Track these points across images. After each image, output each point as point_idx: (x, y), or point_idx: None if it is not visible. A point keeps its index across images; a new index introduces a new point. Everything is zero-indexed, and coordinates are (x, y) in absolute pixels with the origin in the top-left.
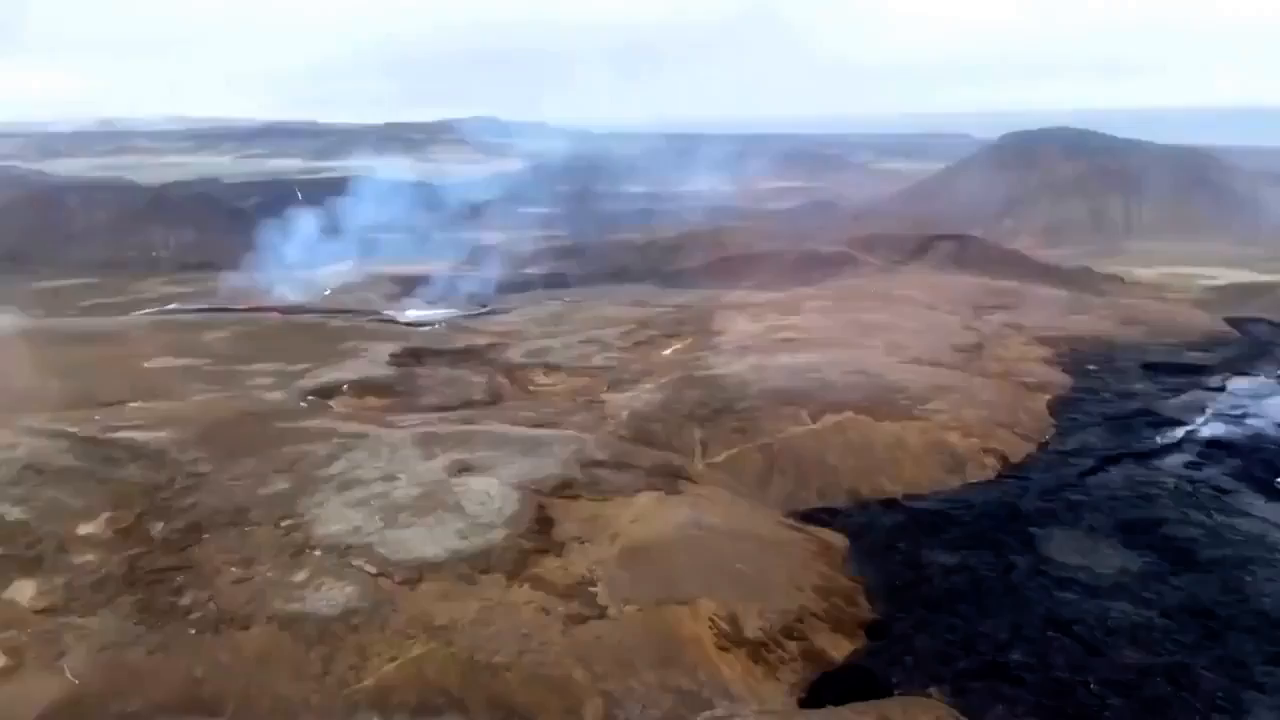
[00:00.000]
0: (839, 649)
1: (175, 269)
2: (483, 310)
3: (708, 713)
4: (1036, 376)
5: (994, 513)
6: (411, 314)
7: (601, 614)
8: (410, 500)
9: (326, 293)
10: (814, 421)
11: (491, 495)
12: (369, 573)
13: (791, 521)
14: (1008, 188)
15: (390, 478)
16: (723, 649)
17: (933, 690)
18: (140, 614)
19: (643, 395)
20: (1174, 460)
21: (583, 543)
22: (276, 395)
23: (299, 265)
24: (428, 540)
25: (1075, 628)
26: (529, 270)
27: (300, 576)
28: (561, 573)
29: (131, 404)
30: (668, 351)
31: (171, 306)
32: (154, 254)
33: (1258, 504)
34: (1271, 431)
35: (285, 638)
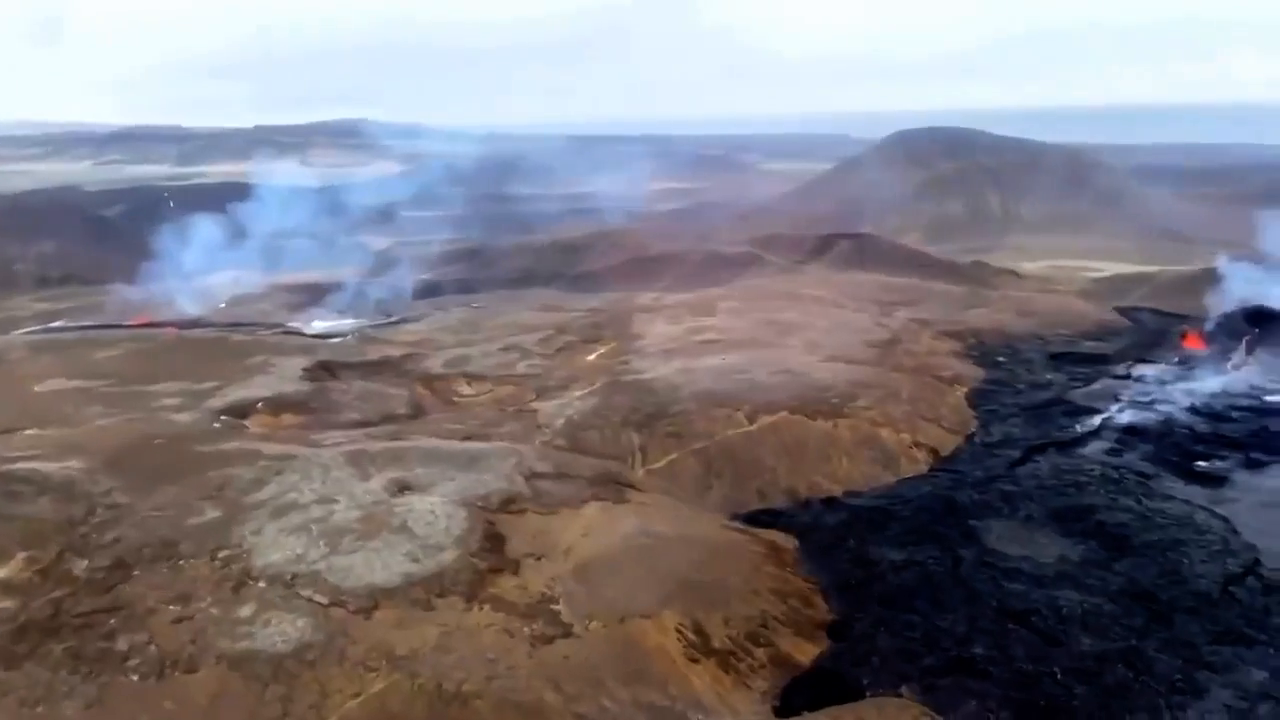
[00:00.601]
0: (804, 653)
1: (35, 284)
2: (391, 319)
3: None
4: (950, 370)
5: (933, 507)
6: (317, 325)
7: (566, 632)
8: (352, 524)
9: (222, 305)
10: (750, 423)
11: (436, 514)
12: (319, 603)
13: (736, 525)
14: (892, 187)
15: (327, 500)
16: (692, 660)
17: (903, 689)
18: (72, 663)
19: (574, 403)
20: (1095, 448)
21: (537, 559)
22: (185, 417)
23: (187, 277)
24: (377, 565)
25: (1031, 619)
26: (431, 276)
27: (245, 611)
28: (520, 592)
29: (26, 431)
30: (591, 357)
31: (57, 324)
32: (15, 267)
33: (1179, 487)
34: (1180, 416)
35: (236, 679)
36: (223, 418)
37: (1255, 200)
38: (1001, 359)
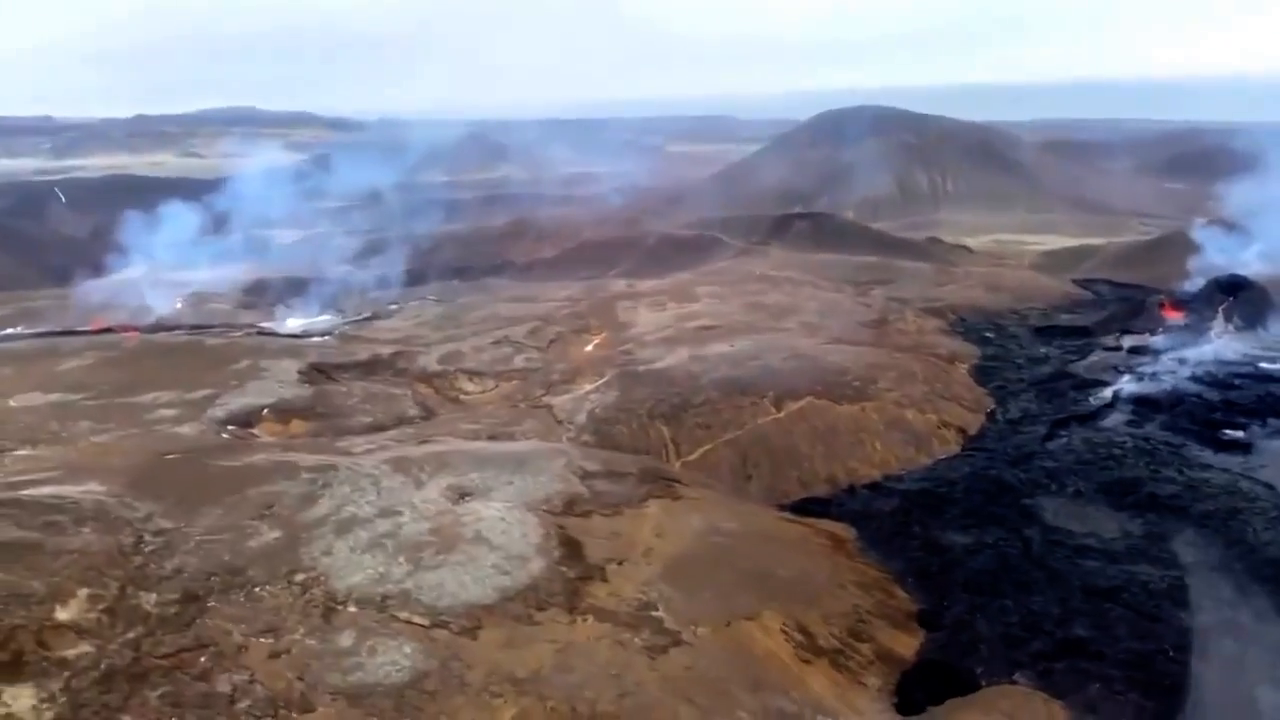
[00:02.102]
0: (904, 645)
1: None
2: (365, 316)
3: None
4: (946, 348)
5: (982, 488)
6: (292, 324)
7: (676, 640)
8: (425, 536)
9: (178, 305)
10: (778, 410)
11: (508, 522)
12: (420, 625)
13: (791, 517)
14: (820, 166)
15: (390, 513)
16: (805, 661)
17: (1018, 677)
18: (174, 710)
19: (589, 397)
20: (1114, 420)
21: (620, 563)
22: (189, 429)
23: (118, 277)
24: (467, 580)
25: (1121, 596)
26: (378, 271)
27: (345, 641)
28: (616, 600)
29: (17, 452)
30: (588, 348)
31: (7, 332)
32: None
33: (1210, 456)
34: (1185, 386)
35: (357, 716)
36: (229, 428)
37: (1161, 172)
38: (989, 335)
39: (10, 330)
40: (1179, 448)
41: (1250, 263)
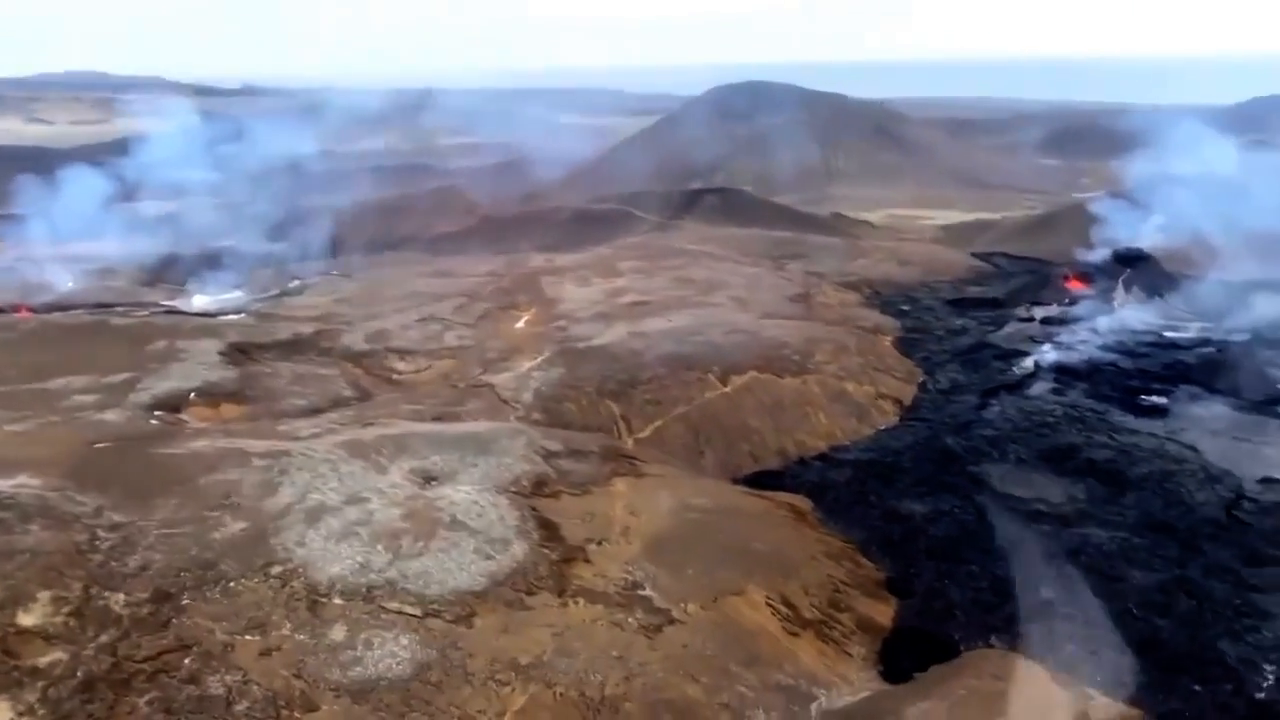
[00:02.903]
0: (881, 613)
1: None
2: (276, 293)
3: (816, 706)
4: (869, 320)
5: (927, 457)
6: (199, 302)
7: (669, 619)
8: (400, 523)
9: (69, 284)
10: (724, 385)
11: (481, 505)
12: (413, 615)
13: (750, 490)
14: (716, 141)
15: (357, 500)
16: (792, 634)
17: (994, 640)
18: (165, 716)
19: (531, 375)
20: (1040, 389)
21: (600, 543)
22: (115, 416)
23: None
24: (451, 566)
25: (1080, 558)
26: (278, 245)
27: (338, 635)
28: (603, 580)
29: None
30: (520, 325)
31: None
32: None
33: (1134, 421)
34: (1099, 355)
35: (365, 712)
36: (156, 413)
37: (1038, 149)
38: (905, 308)
39: None
40: (1104, 414)
41: (1147, 235)
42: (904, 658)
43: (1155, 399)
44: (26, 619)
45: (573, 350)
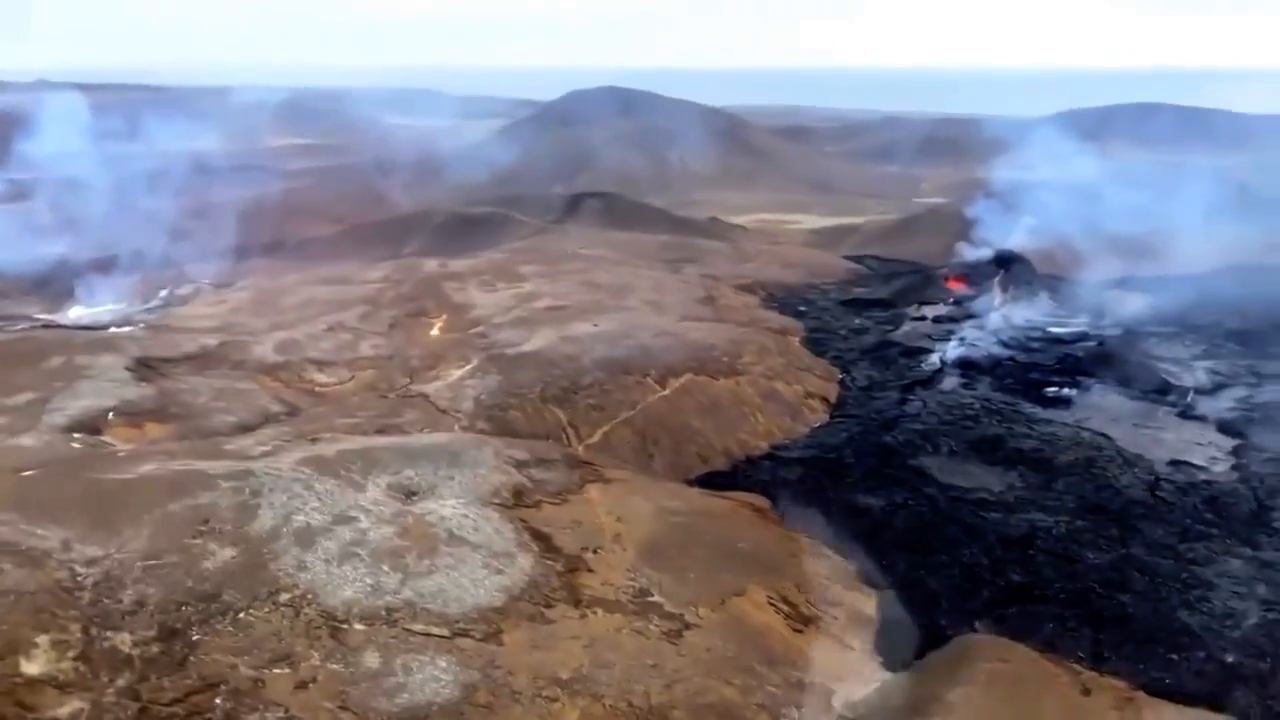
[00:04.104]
0: (867, 606)
1: None
2: (158, 304)
3: (838, 700)
4: (774, 322)
5: (867, 452)
6: (74, 315)
7: (686, 624)
8: (398, 541)
9: None
10: (663, 388)
11: (471, 519)
12: (441, 636)
13: (708, 491)
14: (572, 145)
15: (345, 519)
16: (797, 631)
17: (978, 625)
18: None
19: (465, 383)
20: (950, 384)
21: (595, 551)
22: (32, 440)
23: None
24: (465, 583)
25: (1036, 543)
26: (138, 251)
27: (372, 662)
28: (611, 589)
29: None
30: (434, 332)
31: None
32: None
33: (1042, 412)
34: (995, 350)
35: None
36: (76, 435)
37: (872, 157)
38: (802, 309)
39: None
40: (1015, 406)
41: (1015, 238)
42: (900, 647)
43: (1058, 390)
44: (31, 667)
45: (502, 357)
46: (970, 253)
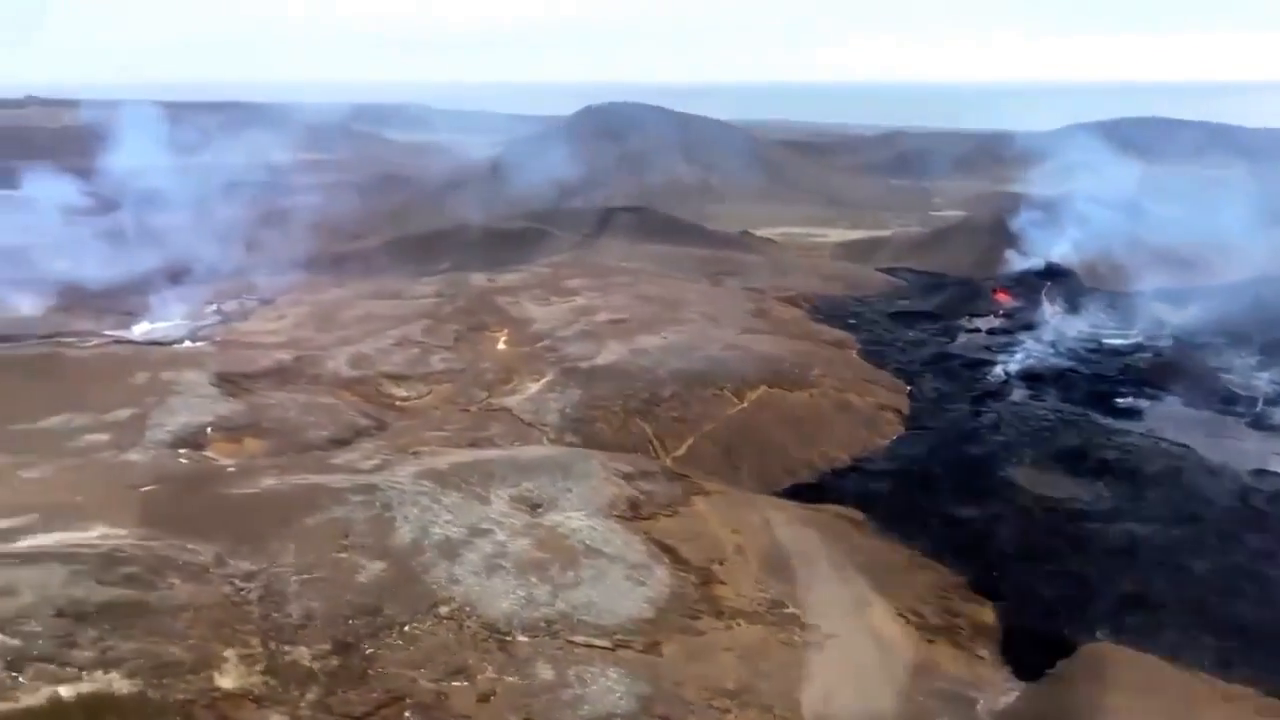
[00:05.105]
0: (987, 616)
1: None
2: (216, 319)
3: (982, 709)
4: (827, 334)
5: (955, 463)
6: (139, 330)
7: (827, 635)
8: (537, 553)
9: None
10: (741, 400)
11: (599, 530)
12: (603, 648)
13: (804, 504)
14: (592, 160)
15: (480, 532)
16: (929, 642)
17: (1099, 634)
18: None
19: (546, 396)
20: (1019, 395)
21: (721, 563)
22: (138, 456)
23: None
24: (613, 595)
25: (1139, 553)
26: (170, 265)
27: (546, 674)
28: (746, 600)
29: None
30: (500, 345)
31: None
32: None
33: (1114, 423)
34: (1057, 361)
35: None
36: (181, 451)
37: (883, 171)
38: (852, 321)
39: None
40: (1088, 417)
41: (1059, 250)
42: (1025, 656)
43: (1129, 401)
44: (225, 681)
45: (578, 370)
46: (1020, 263)
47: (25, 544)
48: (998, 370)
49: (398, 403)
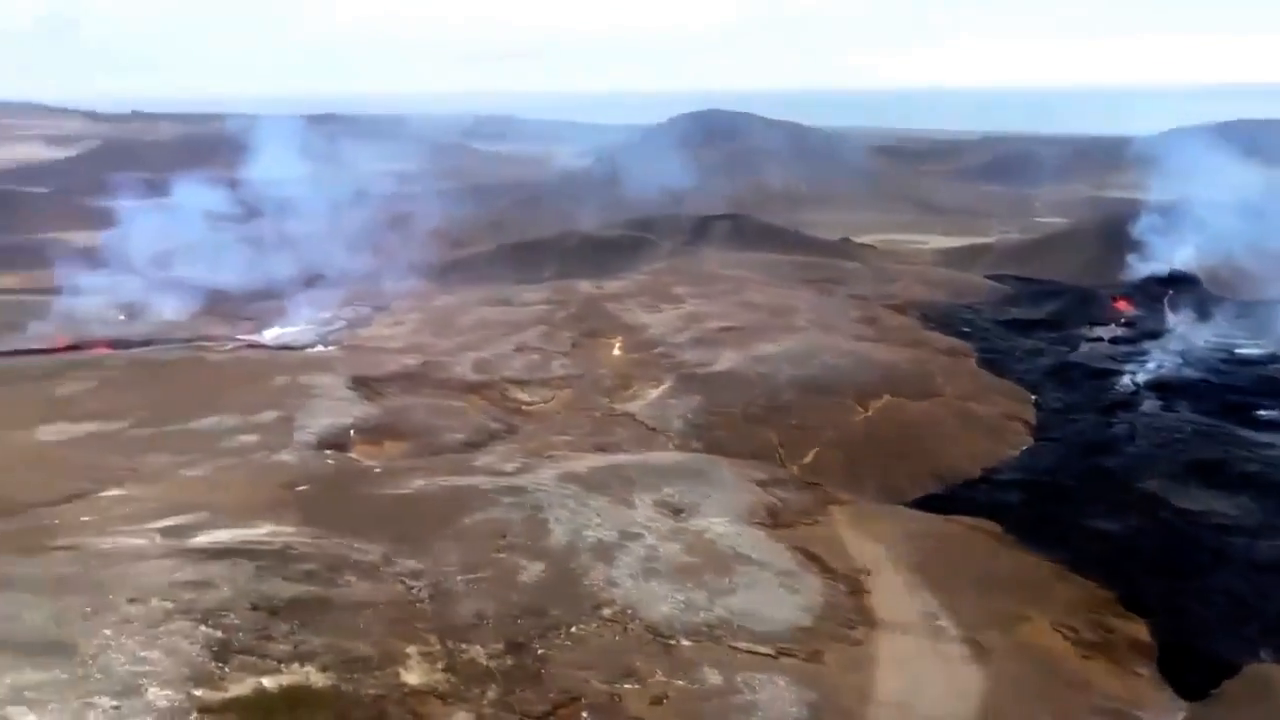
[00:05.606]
0: (1140, 632)
1: None
2: (339, 325)
3: None
4: (941, 343)
5: (1089, 475)
6: (269, 335)
7: (983, 649)
8: (688, 558)
9: (121, 318)
10: (864, 409)
11: (744, 537)
12: (766, 655)
13: (942, 516)
14: (681, 168)
15: (630, 536)
16: (1086, 658)
17: (1263, 654)
18: None
19: (666, 403)
20: (1150, 406)
21: (868, 574)
22: (289, 456)
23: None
24: (771, 601)
25: None
26: (284, 271)
27: (714, 679)
28: (896, 610)
29: (106, 492)
30: (616, 352)
31: None
32: None
33: (1256, 435)
34: (1187, 372)
35: None
36: (327, 452)
37: (977, 177)
38: (965, 329)
39: None
40: (1225, 429)
41: (1181, 256)
42: (1185, 675)
43: (1271, 413)
44: (410, 678)
45: (696, 377)
46: (1142, 270)
47: (203, 539)
48: (1125, 380)
49: (523, 407)
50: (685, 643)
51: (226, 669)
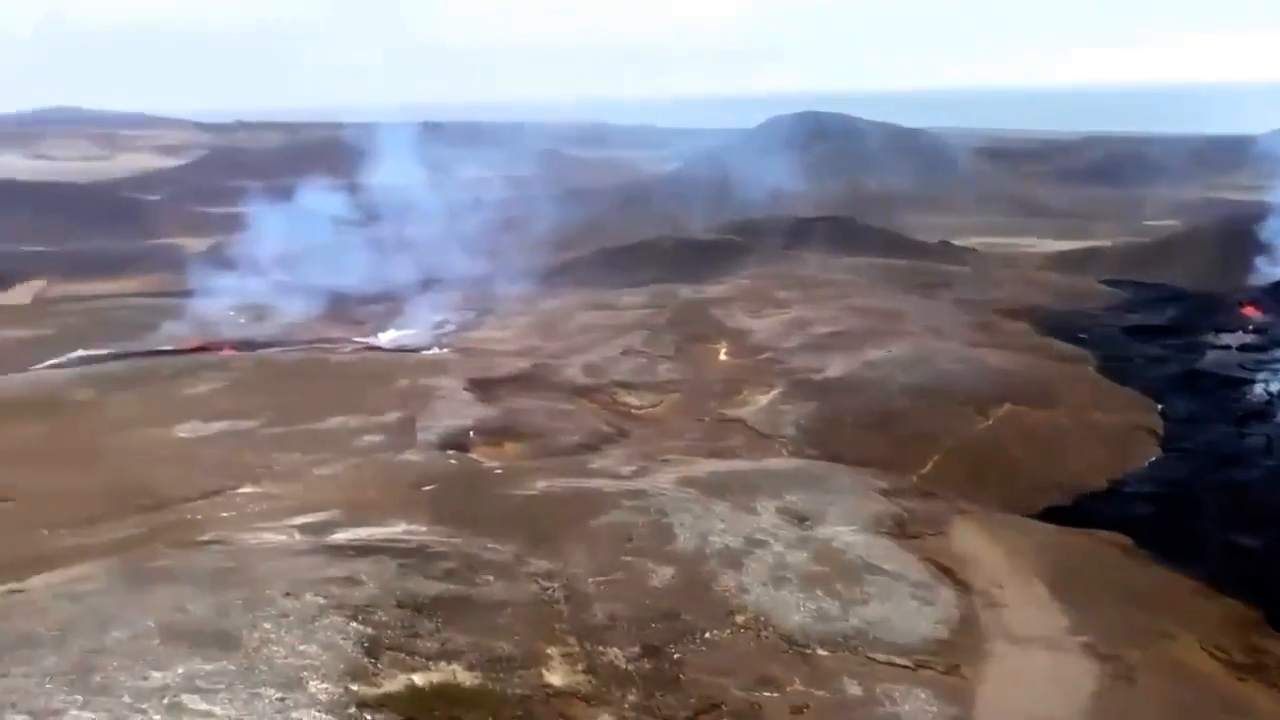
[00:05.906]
0: None
1: None
2: (450, 329)
3: None
4: (1058, 349)
5: (1224, 488)
6: (385, 338)
7: (1128, 667)
8: (818, 566)
9: (241, 321)
10: (985, 418)
11: (871, 546)
12: (904, 667)
13: (1071, 529)
14: (775, 170)
15: (756, 542)
16: (1240, 680)
17: None
18: None
19: (778, 409)
20: None
21: (1001, 587)
22: (414, 456)
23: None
24: (905, 613)
25: None
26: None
27: (854, 690)
28: (1035, 625)
29: (242, 489)
30: (722, 357)
31: (78, 354)
32: None
33: None
34: None
35: None
36: (450, 452)
37: (1082, 178)
38: (1082, 335)
39: (86, 352)
40: None
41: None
42: None
43: None
44: (554, 679)
45: (808, 383)
46: (1273, 273)
47: (341, 536)
48: (1258, 389)
49: (633, 411)
50: (821, 652)
51: (379, 665)
